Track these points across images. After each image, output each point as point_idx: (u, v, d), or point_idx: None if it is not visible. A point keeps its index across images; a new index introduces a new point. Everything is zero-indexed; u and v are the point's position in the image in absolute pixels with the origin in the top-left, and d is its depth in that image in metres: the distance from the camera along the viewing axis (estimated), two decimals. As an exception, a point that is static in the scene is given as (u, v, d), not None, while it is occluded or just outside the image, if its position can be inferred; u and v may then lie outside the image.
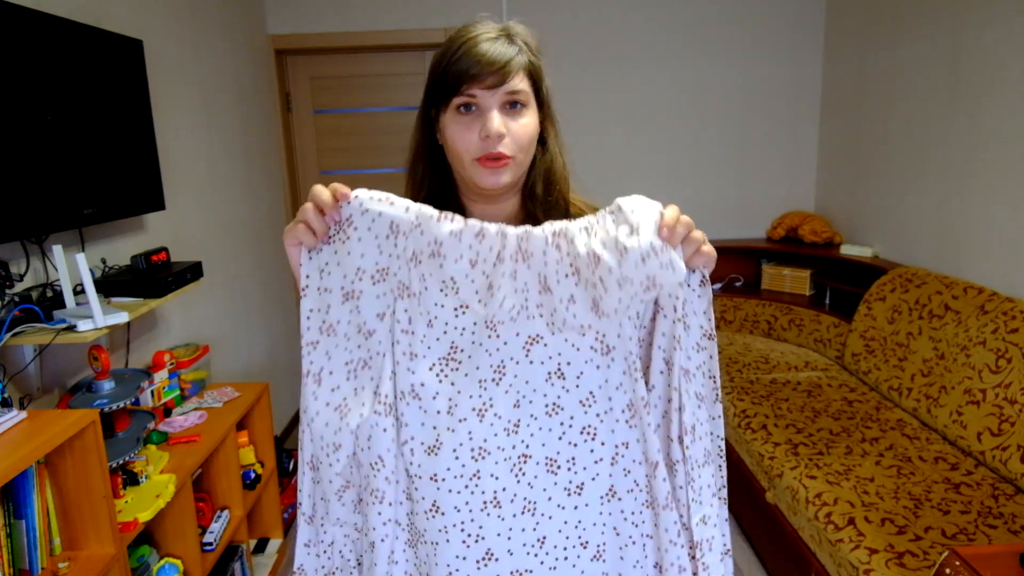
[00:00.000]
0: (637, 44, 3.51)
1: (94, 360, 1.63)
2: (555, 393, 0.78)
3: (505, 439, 0.78)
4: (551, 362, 0.78)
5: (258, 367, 3.05)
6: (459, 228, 0.76)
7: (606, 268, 0.72)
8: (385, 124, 3.62)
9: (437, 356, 0.78)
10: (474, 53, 0.83)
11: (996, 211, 2.35)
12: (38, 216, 1.54)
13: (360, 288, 0.78)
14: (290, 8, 3.39)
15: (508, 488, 0.78)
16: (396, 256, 0.77)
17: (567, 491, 0.80)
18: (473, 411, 0.78)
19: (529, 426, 0.79)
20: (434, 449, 0.78)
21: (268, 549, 2.39)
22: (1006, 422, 1.98)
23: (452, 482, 0.78)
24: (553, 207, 0.95)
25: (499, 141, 0.85)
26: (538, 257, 0.76)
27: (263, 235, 3.19)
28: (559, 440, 0.79)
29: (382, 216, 0.76)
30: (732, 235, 3.72)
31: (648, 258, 0.70)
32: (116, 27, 1.94)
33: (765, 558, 2.30)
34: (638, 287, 0.72)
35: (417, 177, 0.95)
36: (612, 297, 0.73)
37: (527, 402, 0.78)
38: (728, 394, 2.67)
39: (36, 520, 1.34)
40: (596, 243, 0.73)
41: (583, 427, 0.79)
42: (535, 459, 0.79)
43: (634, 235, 0.71)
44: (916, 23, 2.75)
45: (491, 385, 0.78)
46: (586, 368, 0.78)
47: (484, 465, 0.78)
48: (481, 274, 0.77)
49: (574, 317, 0.75)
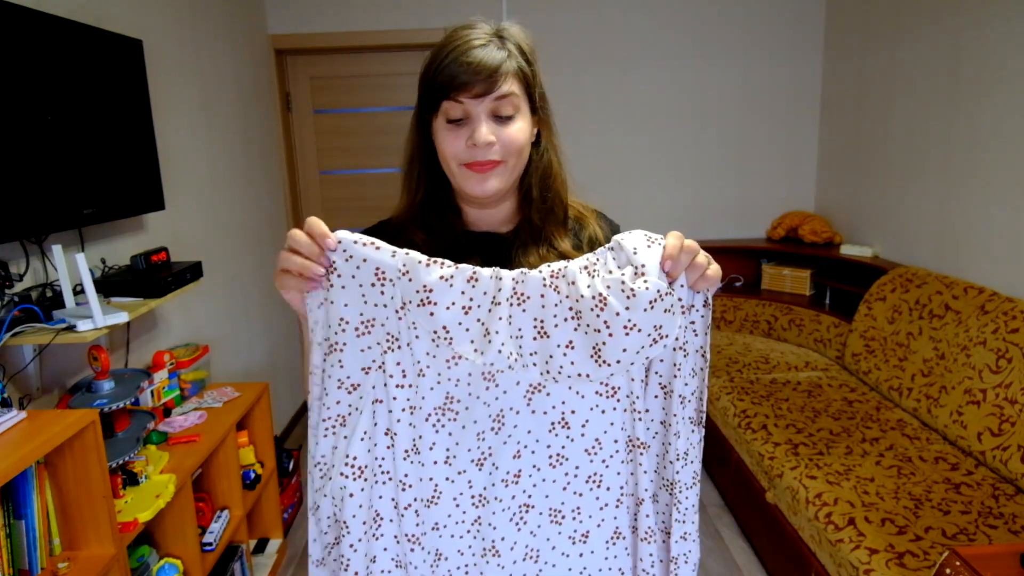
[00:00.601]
0: (637, 44, 3.51)
1: (94, 360, 1.63)
2: (559, 443, 0.76)
3: (504, 489, 0.77)
4: (555, 412, 0.75)
5: (258, 367, 3.05)
6: (450, 273, 0.72)
7: (612, 312, 0.69)
8: (385, 124, 3.62)
9: (432, 407, 0.75)
10: (461, 61, 0.82)
11: (996, 211, 2.35)
12: (38, 216, 1.54)
13: (344, 340, 0.73)
14: (290, 8, 3.39)
15: (508, 537, 0.78)
16: (383, 305, 0.72)
17: (571, 540, 0.79)
18: (472, 463, 0.76)
19: (531, 476, 0.77)
20: (433, 500, 0.77)
21: (268, 549, 2.39)
22: (1006, 422, 1.97)
23: (453, 528, 0.77)
24: (550, 210, 0.94)
25: (488, 149, 0.84)
26: (535, 300, 0.72)
27: (263, 235, 3.19)
28: (563, 491, 0.78)
29: (367, 262, 0.71)
30: (732, 235, 3.72)
31: (656, 303, 0.68)
32: (116, 27, 1.94)
33: (765, 558, 2.30)
34: (646, 338, 0.70)
35: (413, 181, 0.94)
36: (617, 345, 0.70)
37: (528, 452, 0.76)
38: (728, 394, 2.67)
39: (36, 520, 1.34)
40: (600, 285, 0.70)
41: (589, 475, 0.77)
42: (537, 509, 0.78)
43: (640, 278, 0.69)
44: (916, 23, 2.75)
45: (490, 435, 0.76)
46: (591, 415, 0.75)
47: (484, 512, 0.77)
48: (475, 321, 0.72)
49: (571, 364, 0.72)
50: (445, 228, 0.93)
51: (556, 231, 0.93)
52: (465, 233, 0.94)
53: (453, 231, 0.93)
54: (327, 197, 3.68)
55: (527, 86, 0.88)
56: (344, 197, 3.68)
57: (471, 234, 0.95)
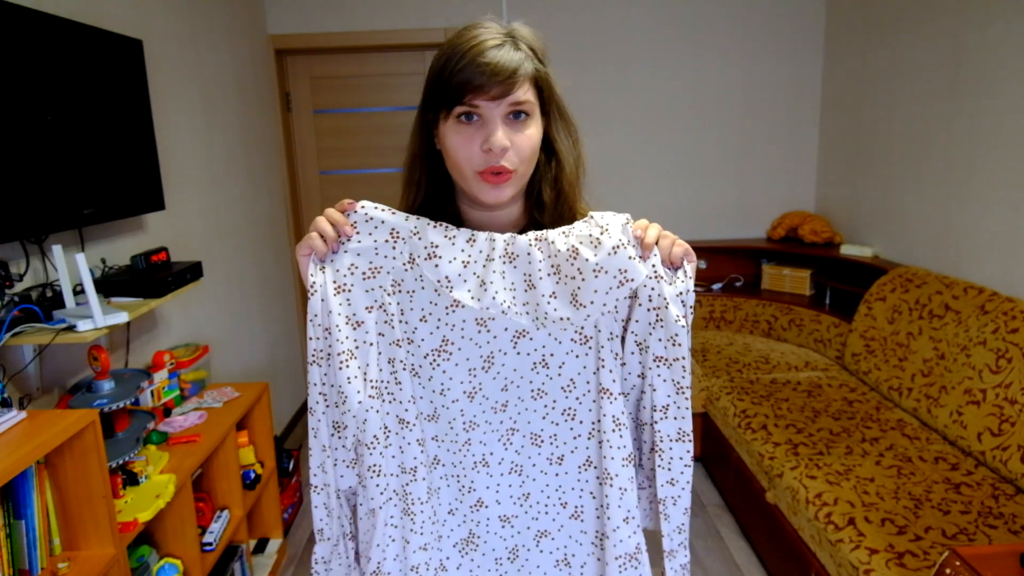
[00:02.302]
0: (637, 44, 3.51)
1: (94, 360, 1.63)
2: (540, 380, 0.89)
3: (493, 415, 0.90)
4: (536, 354, 0.88)
5: (258, 367, 3.05)
6: (453, 234, 0.85)
7: (583, 259, 0.82)
8: (385, 124, 3.62)
9: (430, 348, 0.87)
10: (479, 62, 0.80)
11: (996, 211, 2.35)
12: (38, 216, 1.54)
13: (351, 282, 0.85)
14: (290, 8, 3.39)
15: (496, 453, 0.91)
16: (392, 258, 0.85)
17: (549, 461, 0.92)
18: (464, 394, 0.89)
19: (516, 406, 0.90)
20: (433, 417, 0.90)
21: (268, 549, 2.39)
22: (1006, 422, 1.97)
23: (448, 444, 0.91)
24: (560, 216, 0.92)
25: (502, 155, 0.82)
26: (523, 258, 0.85)
27: (263, 235, 3.19)
28: (543, 420, 0.90)
29: (384, 223, 0.85)
30: (732, 235, 3.72)
31: (619, 249, 0.81)
32: (116, 27, 1.94)
33: (765, 558, 2.30)
34: (612, 280, 0.82)
35: (414, 182, 0.93)
36: (589, 287, 0.82)
37: (514, 387, 0.89)
38: (728, 394, 2.67)
39: (36, 520, 1.34)
40: (573, 239, 0.83)
41: (564, 409, 0.90)
42: (521, 432, 0.91)
43: (605, 233, 0.83)
44: (916, 23, 2.75)
45: (480, 372, 0.88)
46: (567, 358, 0.88)
47: (474, 435, 0.90)
48: (472, 274, 0.85)
49: (555, 311, 0.84)
50: None
51: None
52: None
53: None
54: (327, 197, 3.68)
55: (541, 89, 0.87)
56: (344, 197, 3.65)
57: None
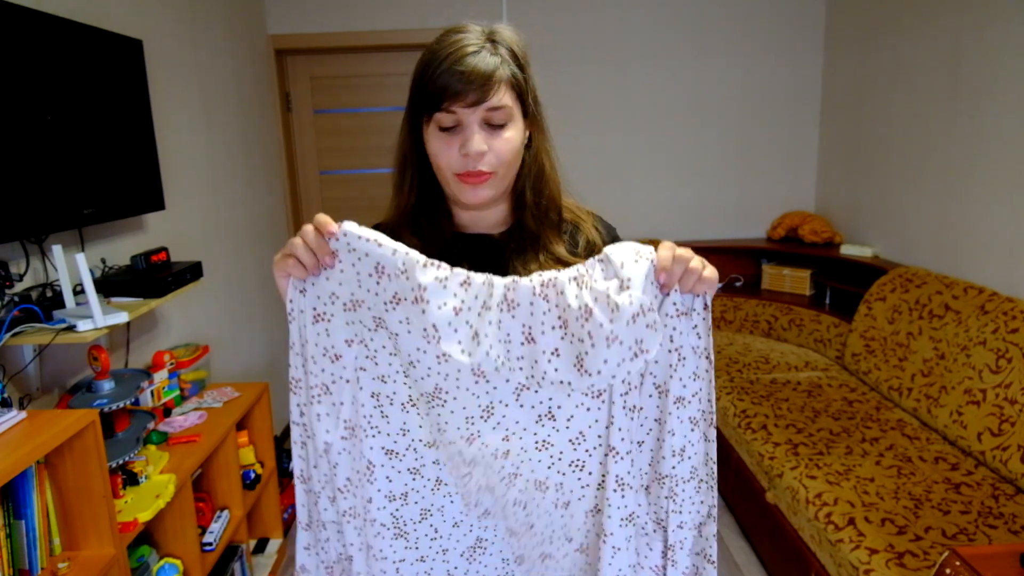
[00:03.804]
0: (637, 44, 3.51)
1: (94, 360, 1.63)
2: (545, 432, 0.80)
3: (493, 461, 0.82)
4: (541, 406, 0.79)
5: (258, 367, 3.05)
6: (445, 275, 0.75)
7: (596, 324, 0.71)
8: (385, 124, 3.62)
9: (422, 391, 0.79)
10: (454, 70, 0.81)
11: (996, 211, 2.35)
12: (38, 216, 1.54)
13: (331, 312, 0.78)
14: (290, 8, 3.39)
15: (497, 489, 0.83)
16: (375, 294, 0.76)
17: (555, 504, 0.84)
18: (462, 439, 0.81)
19: (519, 455, 0.82)
20: (433, 445, 0.82)
21: (268, 549, 2.39)
22: (1006, 422, 1.97)
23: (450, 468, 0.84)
24: (544, 214, 0.94)
25: (480, 159, 0.84)
26: (524, 308, 0.76)
27: (263, 235, 3.19)
28: (548, 469, 0.82)
29: (369, 256, 0.75)
30: (732, 235, 3.72)
31: (638, 318, 0.71)
32: (116, 27, 1.94)
33: (765, 558, 2.30)
34: (627, 351, 0.72)
35: (404, 184, 0.94)
36: (599, 356, 0.73)
37: (516, 438, 0.81)
38: (728, 394, 2.67)
39: (36, 520, 1.34)
40: (587, 296, 0.72)
41: (572, 461, 0.82)
42: (524, 478, 0.83)
43: (624, 292, 0.71)
44: (916, 23, 2.75)
45: (479, 421, 0.80)
46: (576, 411, 0.79)
47: (476, 471, 0.83)
48: (465, 323, 0.76)
49: (555, 371, 0.75)
50: (436, 232, 0.93)
51: (550, 234, 0.93)
52: (457, 235, 0.94)
53: (444, 235, 0.93)
54: (327, 197, 3.68)
55: (519, 92, 0.87)
56: (344, 197, 3.68)
57: (463, 236, 0.95)
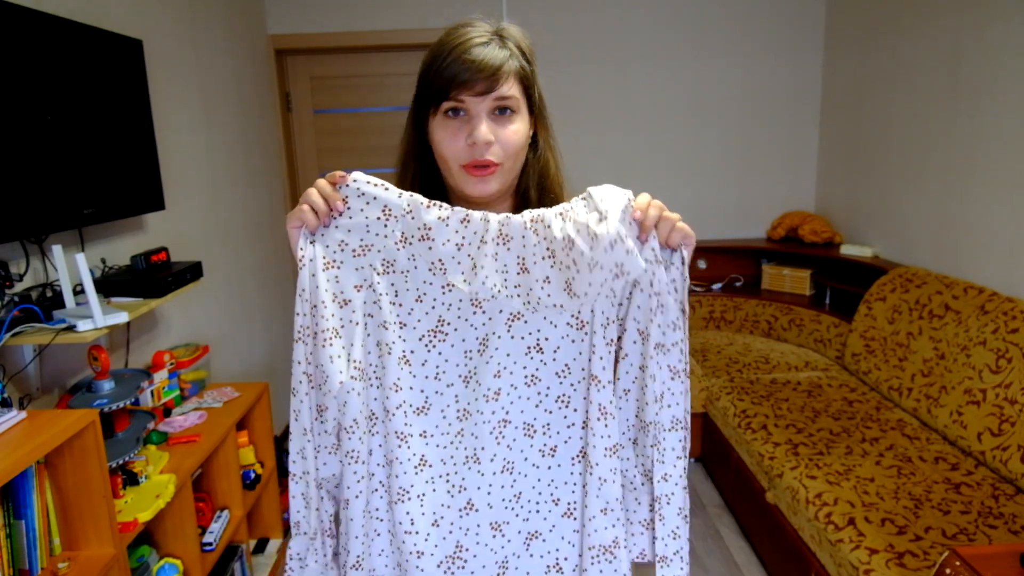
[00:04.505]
0: (637, 44, 3.51)
1: (94, 360, 1.63)
2: (534, 365, 0.85)
3: (485, 404, 0.85)
4: (530, 337, 0.84)
5: (258, 367, 3.05)
6: (447, 215, 0.82)
7: (579, 251, 0.77)
8: (385, 124, 3.62)
9: (426, 328, 0.85)
10: (464, 59, 0.82)
11: (996, 211, 2.35)
12: (38, 216, 1.54)
13: (341, 259, 0.83)
14: (290, 8, 3.39)
15: (487, 448, 0.85)
16: (384, 236, 0.82)
17: (541, 453, 0.87)
18: (459, 378, 0.86)
19: (509, 394, 0.85)
20: (423, 410, 0.86)
21: (268, 549, 2.39)
22: (1006, 422, 1.97)
23: (439, 438, 0.86)
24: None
25: (487, 148, 0.84)
26: (517, 240, 0.82)
27: (263, 235, 3.19)
28: (536, 408, 0.86)
29: (377, 200, 0.81)
30: (732, 235, 3.72)
31: (616, 244, 0.76)
32: (116, 27, 1.94)
33: (765, 558, 2.30)
34: (608, 273, 0.77)
35: (407, 179, 0.94)
36: (583, 279, 0.78)
37: (508, 373, 0.85)
38: (728, 394, 2.67)
39: (36, 520, 1.34)
40: (570, 228, 0.79)
41: (558, 396, 0.86)
42: (514, 424, 0.86)
43: (603, 222, 0.76)
44: (916, 23, 2.75)
45: (476, 356, 0.85)
46: (562, 343, 0.84)
47: (467, 425, 0.86)
48: (466, 256, 0.82)
49: (548, 296, 0.82)
50: None
51: None
52: None
53: None
54: (327, 197, 3.68)
55: (526, 87, 0.88)
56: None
57: None
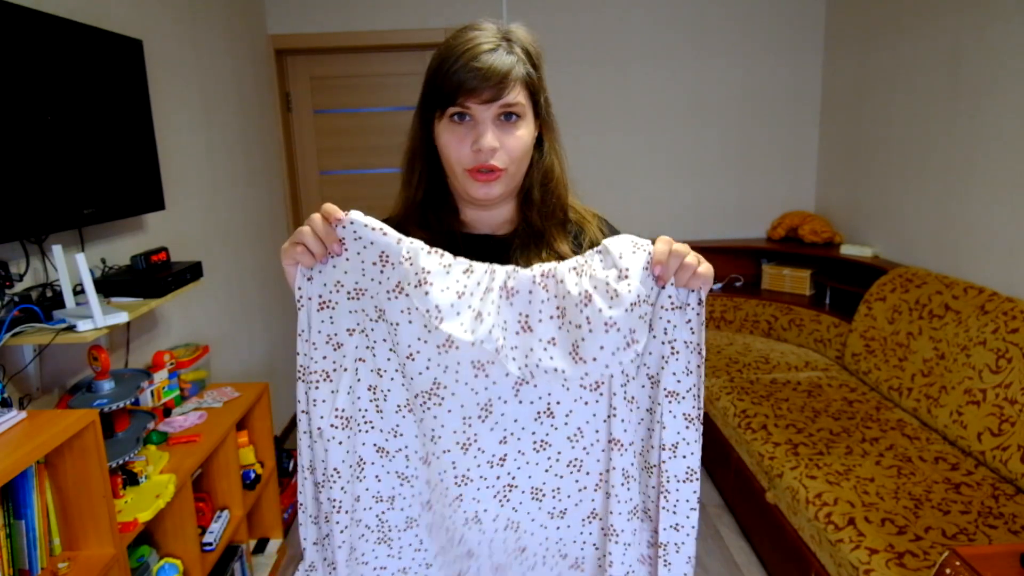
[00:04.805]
0: (637, 44, 3.51)
1: (94, 360, 1.63)
2: (544, 431, 0.80)
3: (489, 470, 0.81)
4: (540, 402, 0.79)
5: (258, 367, 3.05)
6: (448, 262, 0.77)
7: (595, 308, 0.72)
8: (385, 124, 3.62)
9: (419, 389, 0.78)
10: (471, 66, 0.82)
11: (996, 211, 2.35)
12: (38, 216, 1.54)
13: (335, 300, 0.79)
14: (290, 8, 3.39)
15: (490, 510, 0.82)
16: (378, 283, 0.77)
17: (550, 515, 0.83)
18: (457, 444, 0.80)
19: (516, 460, 0.81)
20: (425, 460, 0.81)
21: (268, 549, 2.39)
22: (1006, 422, 1.97)
23: (438, 494, 0.82)
24: (551, 213, 0.94)
25: (491, 155, 0.84)
26: (523, 296, 0.77)
27: (263, 235, 3.19)
28: (546, 472, 0.81)
29: (374, 245, 0.76)
30: (732, 235, 3.72)
31: (635, 307, 0.72)
32: (116, 27, 1.94)
33: (765, 558, 2.30)
34: (622, 339, 0.73)
35: (413, 179, 0.94)
36: (595, 342, 0.73)
37: (514, 439, 0.80)
38: (728, 394, 2.67)
39: (36, 520, 1.34)
40: (587, 283, 0.73)
41: (570, 460, 0.81)
42: (520, 488, 0.82)
43: (623, 280, 0.72)
44: (916, 23, 2.75)
45: (476, 422, 0.79)
46: (575, 406, 0.79)
47: (467, 490, 0.81)
48: (467, 306, 0.76)
49: (550, 359, 0.76)
50: (443, 228, 0.93)
51: (556, 234, 0.94)
52: (463, 235, 0.95)
53: (451, 232, 0.93)
54: (327, 197, 3.67)
55: (533, 92, 0.88)
56: (344, 197, 3.67)
57: (469, 236, 0.95)
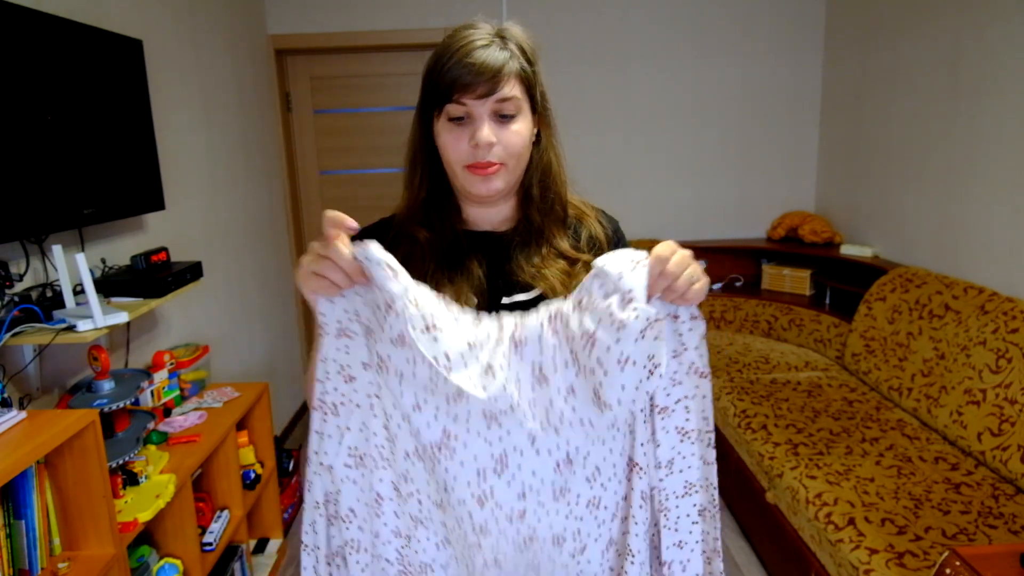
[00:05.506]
0: (637, 44, 3.51)
1: (94, 360, 1.63)
2: (563, 479, 0.77)
3: (508, 525, 0.78)
4: (559, 451, 0.74)
5: (258, 367, 3.05)
6: (456, 312, 0.74)
7: (603, 348, 0.65)
8: (385, 124, 3.62)
9: (429, 440, 0.74)
10: (465, 62, 0.83)
11: (996, 211, 2.35)
12: (38, 216, 1.54)
13: (354, 329, 0.74)
14: (290, 8, 3.39)
15: (510, 556, 0.81)
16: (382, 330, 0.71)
17: (572, 555, 0.82)
18: (472, 497, 0.76)
19: (535, 512, 0.78)
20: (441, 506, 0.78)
21: (268, 549, 2.39)
22: (1006, 422, 1.97)
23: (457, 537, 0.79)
24: (550, 209, 0.95)
25: (488, 150, 0.85)
26: (533, 345, 0.72)
27: (263, 235, 3.19)
28: (566, 519, 0.79)
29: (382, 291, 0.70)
30: (732, 235, 3.72)
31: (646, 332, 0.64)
32: (116, 27, 1.94)
33: (765, 558, 2.30)
34: (641, 371, 0.66)
35: (415, 179, 0.95)
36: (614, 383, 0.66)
37: (534, 493, 0.77)
38: (728, 394, 2.66)
39: (36, 520, 1.34)
40: (588, 321, 0.67)
41: (588, 500, 0.79)
42: (541, 538, 0.80)
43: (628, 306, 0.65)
44: (916, 23, 2.75)
45: (492, 475, 0.75)
46: (592, 448, 0.76)
47: (486, 541, 0.78)
48: (476, 358, 0.71)
49: (573, 411, 0.70)
50: (445, 226, 0.94)
51: (556, 230, 0.94)
52: (465, 233, 0.95)
53: (453, 229, 0.94)
54: (327, 197, 3.68)
55: (528, 87, 0.89)
56: (344, 197, 3.68)
57: (471, 234, 0.95)
